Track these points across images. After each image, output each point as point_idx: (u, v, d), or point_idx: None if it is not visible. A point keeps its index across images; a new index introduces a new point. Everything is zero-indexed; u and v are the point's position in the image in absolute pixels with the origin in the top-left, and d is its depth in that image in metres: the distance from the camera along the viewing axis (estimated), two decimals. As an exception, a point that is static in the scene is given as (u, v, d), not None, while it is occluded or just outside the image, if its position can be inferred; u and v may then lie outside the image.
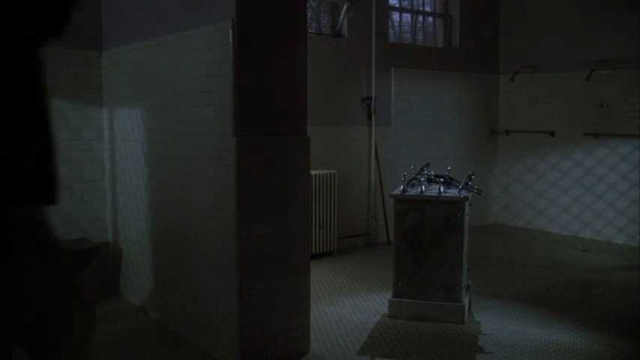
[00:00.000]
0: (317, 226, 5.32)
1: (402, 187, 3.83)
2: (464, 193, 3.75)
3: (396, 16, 6.54)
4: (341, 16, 5.83)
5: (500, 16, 7.04)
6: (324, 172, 5.37)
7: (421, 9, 6.70)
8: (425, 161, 4.30)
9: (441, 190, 3.73)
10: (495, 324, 3.71)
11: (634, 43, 5.71)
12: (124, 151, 4.09)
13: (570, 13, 6.37)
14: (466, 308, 3.76)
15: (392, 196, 3.82)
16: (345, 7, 5.78)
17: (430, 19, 6.89)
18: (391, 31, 6.39)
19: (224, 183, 2.96)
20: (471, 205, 3.88)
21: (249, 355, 2.99)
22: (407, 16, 6.70)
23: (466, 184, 3.89)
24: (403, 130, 6.25)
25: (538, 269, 5.09)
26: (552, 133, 6.49)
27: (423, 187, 3.78)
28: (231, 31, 2.85)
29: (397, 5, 6.55)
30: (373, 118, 5.95)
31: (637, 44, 5.69)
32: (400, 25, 6.62)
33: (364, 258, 5.46)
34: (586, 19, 6.23)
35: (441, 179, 3.92)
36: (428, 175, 4.02)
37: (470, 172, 4.07)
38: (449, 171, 4.08)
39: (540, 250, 5.84)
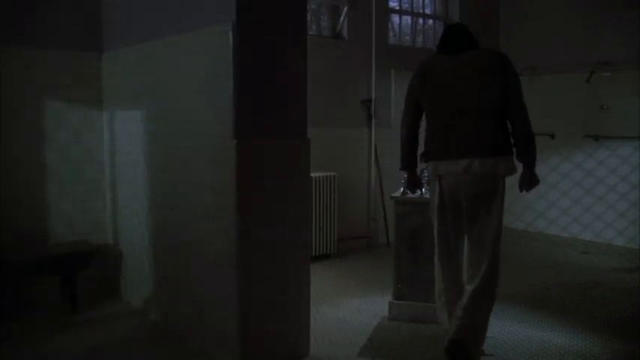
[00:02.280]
0: (317, 228, 5.33)
1: (402, 189, 3.83)
2: (464, 195, 3.74)
3: (395, 18, 6.55)
4: (341, 19, 5.84)
5: (501, 16, 7.05)
6: (324, 174, 5.37)
7: (421, 11, 6.71)
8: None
9: (441, 191, 3.72)
10: (495, 326, 3.71)
11: (634, 43, 5.71)
12: (124, 153, 4.09)
13: (570, 14, 6.38)
14: (466, 310, 3.75)
15: (392, 198, 3.82)
16: (345, 9, 5.79)
17: (430, 21, 6.90)
18: (391, 33, 6.40)
19: (224, 184, 2.96)
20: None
21: (249, 356, 2.99)
22: (407, 19, 6.70)
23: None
24: (403, 132, 6.24)
25: (538, 271, 5.08)
26: (552, 136, 6.49)
27: (423, 190, 3.78)
28: (231, 32, 2.85)
29: (397, 8, 6.55)
30: (373, 120, 5.96)
31: (637, 45, 5.69)
32: (400, 28, 6.62)
33: (364, 260, 5.46)
34: (586, 20, 6.24)
35: (441, 181, 3.91)
36: (428, 177, 4.01)
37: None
38: (449, 173, 4.06)
39: (540, 251, 5.84)
